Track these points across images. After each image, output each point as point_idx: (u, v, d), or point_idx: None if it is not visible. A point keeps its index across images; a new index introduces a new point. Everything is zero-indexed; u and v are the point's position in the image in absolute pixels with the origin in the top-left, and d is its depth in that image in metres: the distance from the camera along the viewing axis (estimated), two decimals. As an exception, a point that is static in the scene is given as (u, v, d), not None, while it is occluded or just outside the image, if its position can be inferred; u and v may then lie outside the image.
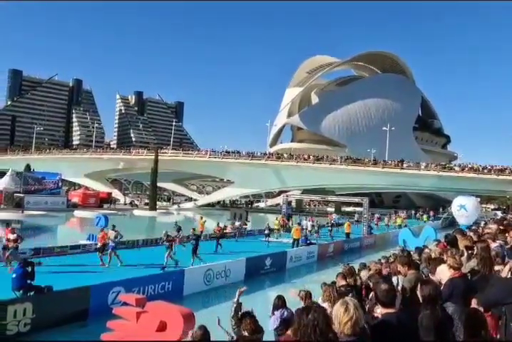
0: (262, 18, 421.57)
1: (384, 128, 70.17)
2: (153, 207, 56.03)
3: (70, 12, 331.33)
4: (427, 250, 8.46)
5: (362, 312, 2.84)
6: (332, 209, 72.97)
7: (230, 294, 13.95)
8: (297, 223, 27.34)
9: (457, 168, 56.80)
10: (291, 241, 23.45)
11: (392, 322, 3.09)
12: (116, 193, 76.14)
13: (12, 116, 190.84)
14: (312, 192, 55.74)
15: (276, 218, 31.39)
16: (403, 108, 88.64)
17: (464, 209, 23.54)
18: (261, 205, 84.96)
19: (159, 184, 64.10)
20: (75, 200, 55.50)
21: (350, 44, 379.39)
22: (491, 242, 6.62)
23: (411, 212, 59.05)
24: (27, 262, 11.53)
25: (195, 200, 75.73)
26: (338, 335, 2.73)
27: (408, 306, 4.15)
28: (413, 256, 8.18)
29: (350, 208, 68.83)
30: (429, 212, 57.17)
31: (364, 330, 2.86)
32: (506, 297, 3.56)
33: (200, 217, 29.81)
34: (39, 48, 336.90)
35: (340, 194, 57.92)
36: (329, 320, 2.72)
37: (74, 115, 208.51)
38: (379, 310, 3.57)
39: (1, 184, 47.45)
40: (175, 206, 71.48)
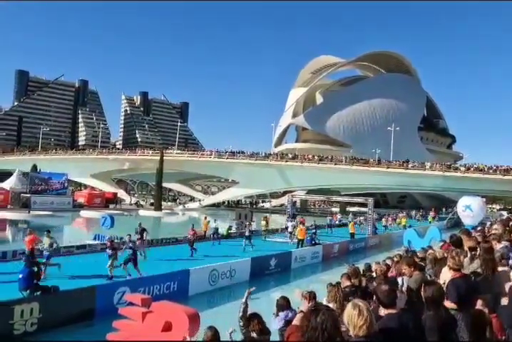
0: (268, 19, 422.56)
1: (389, 128, 69.85)
2: (158, 207, 56.13)
3: (76, 12, 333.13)
4: (431, 251, 8.45)
5: (373, 313, 2.78)
6: (337, 209, 72.88)
7: (235, 294, 14.09)
8: (301, 223, 27.28)
9: (462, 168, 56.28)
10: (283, 240, 23.20)
11: (393, 322, 3.08)
12: (122, 193, 76.27)
13: (19, 117, 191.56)
14: (317, 193, 55.69)
15: (262, 218, 31.43)
16: (408, 108, 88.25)
17: (470, 210, 23.32)
18: (266, 205, 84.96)
19: (164, 184, 64.19)
20: (81, 200, 55.80)
21: (354, 44, 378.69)
22: (497, 243, 6.58)
23: (411, 213, 57.83)
24: (33, 262, 11.58)
25: (200, 200, 75.90)
26: (351, 338, 2.67)
27: (413, 307, 4.15)
28: (418, 257, 8.19)
29: (355, 208, 68.60)
30: (430, 212, 56.05)
31: (376, 331, 2.81)
32: None
33: (204, 217, 29.83)
34: (46, 49, 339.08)
35: (346, 194, 57.70)
36: (338, 323, 2.63)
37: (80, 116, 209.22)
38: (383, 311, 3.57)
39: (8, 184, 47.80)
40: (180, 206, 71.64)
